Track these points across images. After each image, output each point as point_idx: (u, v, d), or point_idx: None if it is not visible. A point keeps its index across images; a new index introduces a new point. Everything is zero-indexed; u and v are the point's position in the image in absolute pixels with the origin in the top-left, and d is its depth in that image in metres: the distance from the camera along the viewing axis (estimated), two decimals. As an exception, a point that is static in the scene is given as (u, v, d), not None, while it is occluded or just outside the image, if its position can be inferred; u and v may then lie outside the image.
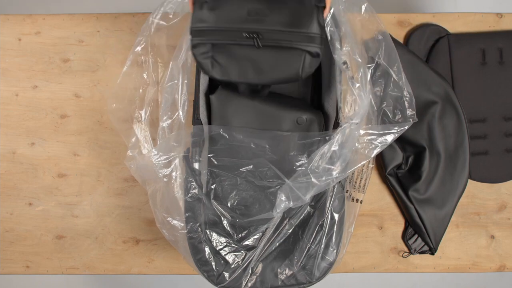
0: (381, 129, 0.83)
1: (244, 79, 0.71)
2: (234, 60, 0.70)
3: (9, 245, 1.03)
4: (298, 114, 0.89)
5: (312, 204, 0.86)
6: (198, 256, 0.83)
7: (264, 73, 0.71)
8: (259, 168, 0.86)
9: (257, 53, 0.69)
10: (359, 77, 0.85)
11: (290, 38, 0.68)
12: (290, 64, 0.70)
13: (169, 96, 0.91)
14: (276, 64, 0.70)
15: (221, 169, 0.87)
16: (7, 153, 1.04)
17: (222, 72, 0.72)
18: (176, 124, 0.91)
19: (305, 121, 0.89)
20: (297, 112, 0.90)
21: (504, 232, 1.04)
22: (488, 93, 1.06)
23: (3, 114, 1.05)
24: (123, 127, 0.95)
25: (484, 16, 1.08)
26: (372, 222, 1.04)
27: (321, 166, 0.79)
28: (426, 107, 1.01)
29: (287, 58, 0.69)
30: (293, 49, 0.69)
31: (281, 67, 0.70)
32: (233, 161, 0.87)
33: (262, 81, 0.72)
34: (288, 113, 0.90)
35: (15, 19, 1.06)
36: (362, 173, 1.02)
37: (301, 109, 0.91)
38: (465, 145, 1.01)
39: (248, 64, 0.70)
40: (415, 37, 1.07)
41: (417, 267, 1.03)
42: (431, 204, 1.00)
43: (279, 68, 0.70)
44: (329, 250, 0.84)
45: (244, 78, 0.71)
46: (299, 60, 0.70)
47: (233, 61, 0.71)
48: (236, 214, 0.85)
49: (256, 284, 0.83)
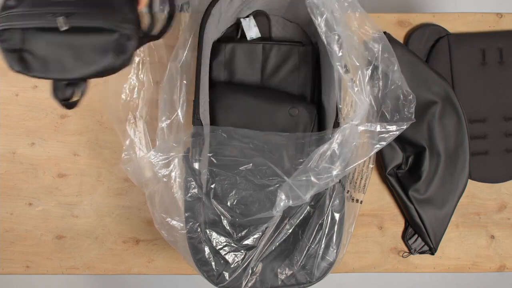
0: (380, 128, 0.83)
1: (59, 74, 0.62)
2: (47, 51, 0.60)
3: (9, 245, 1.03)
4: (290, 106, 0.93)
5: (312, 204, 0.86)
6: (198, 256, 0.83)
7: (80, 65, 0.62)
8: (258, 167, 0.86)
9: (68, 38, 0.59)
10: (358, 79, 0.85)
11: (100, 19, 0.60)
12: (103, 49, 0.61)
13: (168, 97, 0.91)
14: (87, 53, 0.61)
15: (220, 169, 0.87)
16: (7, 153, 1.04)
17: (40, 68, 0.61)
18: (175, 124, 0.91)
19: (297, 113, 0.92)
20: (289, 104, 0.93)
21: (504, 232, 1.04)
22: (488, 93, 1.06)
23: (3, 114, 1.05)
24: (121, 127, 0.95)
25: (484, 16, 1.08)
26: (372, 222, 1.03)
27: (320, 165, 0.79)
28: (426, 107, 1.01)
29: (99, 41, 0.61)
30: (104, 31, 0.60)
31: (91, 56, 0.61)
32: (233, 160, 0.87)
33: (77, 75, 0.62)
34: (280, 106, 0.93)
35: (15, 19, 1.06)
36: (362, 173, 1.02)
37: (293, 102, 0.94)
38: (465, 145, 1.01)
39: (63, 53, 0.61)
40: (415, 37, 1.07)
41: (417, 267, 1.03)
42: (431, 204, 0.99)
43: (90, 58, 0.61)
44: (329, 250, 0.84)
45: (59, 72, 0.62)
46: (113, 42, 0.61)
47: (46, 52, 0.60)
48: (236, 213, 0.85)
49: (256, 284, 0.83)
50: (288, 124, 0.93)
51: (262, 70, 0.99)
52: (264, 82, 0.99)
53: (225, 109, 0.94)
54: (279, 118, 0.93)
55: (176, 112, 0.91)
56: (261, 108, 0.94)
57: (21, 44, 0.59)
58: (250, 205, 0.86)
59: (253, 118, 0.93)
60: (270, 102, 0.94)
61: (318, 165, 0.79)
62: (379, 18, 1.07)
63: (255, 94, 0.96)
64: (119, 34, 0.61)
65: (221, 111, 0.93)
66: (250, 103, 0.94)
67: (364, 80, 0.86)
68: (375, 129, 0.83)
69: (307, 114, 0.93)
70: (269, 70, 0.99)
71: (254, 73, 0.98)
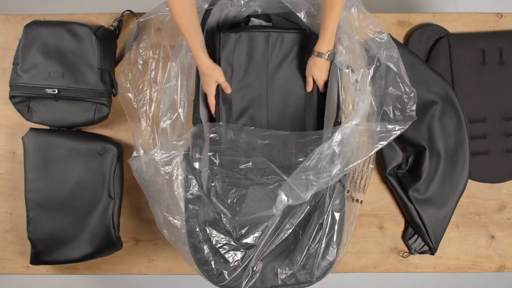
0: (381, 127, 0.83)
1: (54, 123, 0.98)
2: (44, 108, 0.96)
3: (9, 245, 1.03)
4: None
5: (312, 204, 0.86)
6: (198, 256, 0.83)
7: (66, 119, 0.97)
8: (258, 166, 0.86)
9: (59, 104, 0.96)
10: (360, 79, 0.86)
11: (84, 95, 0.95)
12: (84, 113, 0.97)
13: (168, 97, 0.91)
14: (73, 112, 0.97)
15: (221, 167, 0.87)
16: (7, 153, 1.04)
17: (37, 118, 0.97)
18: (176, 124, 0.91)
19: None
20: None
21: (504, 232, 1.04)
22: (488, 93, 1.06)
23: (3, 114, 1.05)
24: (136, 126, 1.00)
25: (484, 16, 1.08)
26: (372, 222, 1.03)
27: (320, 164, 0.79)
28: (426, 107, 1.01)
29: (81, 108, 0.97)
30: (86, 101, 0.96)
31: (77, 114, 0.97)
32: (233, 159, 0.87)
33: (67, 125, 0.98)
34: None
35: (15, 19, 1.06)
36: (362, 173, 1.02)
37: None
38: (465, 145, 1.01)
39: (55, 111, 0.97)
40: (415, 37, 1.07)
41: (417, 267, 1.03)
42: (431, 204, 0.99)
43: (76, 115, 0.97)
44: (330, 250, 0.84)
45: (54, 122, 0.98)
46: (92, 109, 0.97)
47: (44, 109, 0.96)
48: (236, 211, 0.85)
49: (256, 283, 0.83)
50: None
51: (268, 63, 0.96)
52: (270, 76, 0.96)
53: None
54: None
55: (176, 112, 0.91)
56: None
57: (28, 102, 0.96)
58: (250, 203, 0.86)
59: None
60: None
61: (317, 164, 0.79)
62: (379, 18, 1.08)
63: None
64: (97, 104, 0.97)
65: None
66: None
67: (366, 79, 0.86)
68: (375, 129, 0.83)
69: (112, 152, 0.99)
70: (274, 62, 0.96)
71: (260, 67, 0.96)
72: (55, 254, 0.94)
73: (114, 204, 0.95)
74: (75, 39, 0.95)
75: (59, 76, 0.94)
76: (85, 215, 0.94)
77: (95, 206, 0.95)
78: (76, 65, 0.95)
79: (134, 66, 1.03)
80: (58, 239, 0.94)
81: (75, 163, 0.95)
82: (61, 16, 1.05)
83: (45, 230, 0.94)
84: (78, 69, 0.95)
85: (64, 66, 0.94)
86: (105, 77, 0.96)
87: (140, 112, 1.01)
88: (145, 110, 1.01)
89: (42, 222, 0.93)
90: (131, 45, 1.03)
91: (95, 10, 1.31)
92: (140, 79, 1.02)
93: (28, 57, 0.94)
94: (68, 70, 0.94)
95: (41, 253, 0.94)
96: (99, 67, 0.95)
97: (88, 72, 0.95)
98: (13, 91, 0.94)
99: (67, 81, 0.94)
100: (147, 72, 1.02)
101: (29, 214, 0.94)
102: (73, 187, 0.94)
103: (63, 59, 0.94)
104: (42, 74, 0.94)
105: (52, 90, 0.94)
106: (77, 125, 0.98)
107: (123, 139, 1.04)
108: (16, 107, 0.96)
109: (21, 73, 0.94)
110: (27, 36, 0.95)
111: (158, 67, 1.02)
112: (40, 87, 0.94)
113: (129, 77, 1.03)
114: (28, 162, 0.94)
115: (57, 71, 0.94)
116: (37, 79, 0.94)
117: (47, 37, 0.95)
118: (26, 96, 0.95)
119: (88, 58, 0.95)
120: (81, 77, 0.94)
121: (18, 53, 0.95)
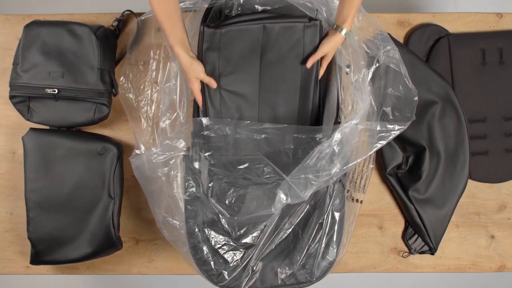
0: (381, 127, 0.83)
1: (54, 123, 0.98)
2: (44, 108, 0.97)
3: (9, 245, 1.03)
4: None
5: (312, 203, 0.85)
6: (198, 256, 0.83)
7: (66, 119, 0.98)
8: (256, 165, 0.85)
9: (59, 104, 0.96)
10: (360, 79, 0.86)
11: (84, 95, 0.95)
12: (84, 113, 0.97)
13: (168, 97, 0.91)
14: (73, 112, 0.98)
15: (219, 167, 0.87)
16: (7, 153, 1.04)
17: (37, 118, 0.97)
18: (175, 124, 0.91)
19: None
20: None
21: (504, 232, 1.04)
22: (488, 93, 1.06)
23: (3, 114, 1.05)
24: (137, 126, 0.99)
25: (484, 16, 1.08)
26: (372, 222, 1.03)
27: (319, 163, 0.79)
28: (426, 107, 1.01)
29: (81, 108, 0.97)
30: (86, 101, 0.96)
31: (77, 114, 0.98)
32: (230, 158, 0.87)
33: (67, 125, 0.98)
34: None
35: (15, 19, 1.06)
36: (362, 173, 1.02)
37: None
38: (465, 145, 1.01)
39: (55, 111, 0.97)
40: (415, 37, 1.07)
41: (417, 267, 1.03)
42: (431, 204, 0.99)
43: (76, 115, 0.97)
44: (330, 249, 0.84)
45: (54, 122, 0.98)
46: (92, 109, 0.97)
47: (44, 109, 0.97)
48: (234, 211, 0.85)
49: (256, 283, 0.83)
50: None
51: (261, 57, 0.89)
52: (263, 71, 0.90)
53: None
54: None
55: (176, 112, 0.91)
56: None
57: (28, 102, 0.97)
58: (248, 203, 0.86)
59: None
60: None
61: (317, 163, 0.79)
62: (379, 18, 1.07)
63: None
64: (97, 104, 0.97)
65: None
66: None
67: (366, 79, 0.86)
68: (375, 128, 0.83)
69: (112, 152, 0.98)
70: (269, 56, 0.89)
71: (252, 60, 0.89)
72: (55, 254, 0.94)
73: (114, 204, 0.95)
74: (75, 39, 0.95)
75: (59, 76, 0.94)
76: (85, 215, 0.94)
77: (95, 206, 0.94)
78: (76, 65, 0.95)
79: (135, 67, 1.03)
80: (58, 239, 0.94)
81: (75, 163, 0.95)
82: (61, 16, 1.05)
83: (45, 230, 0.93)
84: (78, 69, 0.94)
85: (64, 66, 0.94)
86: (105, 77, 0.96)
87: (141, 112, 1.01)
88: (146, 110, 1.01)
89: (42, 222, 0.93)
90: (131, 45, 1.03)
91: (95, 10, 1.31)
92: (141, 80, 1.02)
93: (28, 57, 0.94)
94: (68, 70, 0.94)
95: (41, 253, 0.94)
96: (99, 67, 0.95)
97: (88, 72, 0.95)
98: (13, 91, 0.94)
99: (67, 81, 0.94)
100: (147, 72, 1.02)
101: (29, 214, 0.94)
102: (73, 187, 0.94)
103: (63, 59, 0.94)
104: (42, 74, 0.93)
105: (52, 90, 0.93)
106: (77, 125, 0.98)
107: (123, 139, 1.04)
108: (16, 107, 0.96)
109: (21, 73, 0.93)
110: (27, 36, 0.95)
111: (158, 67, 1.02)
112: (40, 87, 0.94)
113: (130, 77, 1.03)
114: (28, 162, 0.94)
115: (57, 71, 0.94)
116: (37, 79, 0.93)
117: (47, 37, 0.95)
118: (26, 96, 0.94)
119: (88, 58, 0.95)
120: (81, 77, 0.94)
121: (18, 53, 0.95)
